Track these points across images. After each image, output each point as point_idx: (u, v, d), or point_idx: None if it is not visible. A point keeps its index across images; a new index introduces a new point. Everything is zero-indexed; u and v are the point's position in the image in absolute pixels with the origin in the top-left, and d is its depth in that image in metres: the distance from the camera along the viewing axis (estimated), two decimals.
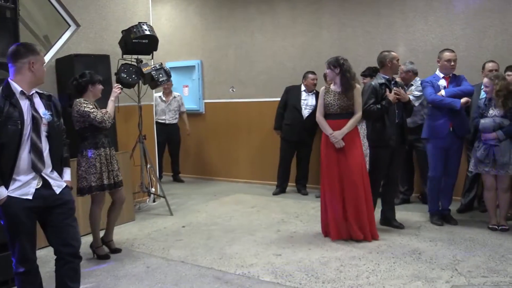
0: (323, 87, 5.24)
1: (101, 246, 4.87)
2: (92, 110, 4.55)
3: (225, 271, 4.37)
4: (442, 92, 5.36)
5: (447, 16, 6.67)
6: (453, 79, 5.47)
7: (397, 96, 5.23)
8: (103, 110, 4.69)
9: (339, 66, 5.06)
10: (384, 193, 5.60)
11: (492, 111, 5.18)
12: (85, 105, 4.55)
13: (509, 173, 5.12)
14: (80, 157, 4.67)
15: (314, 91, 7.28)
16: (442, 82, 5.43)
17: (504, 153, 5.07)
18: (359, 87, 5.16)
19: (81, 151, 4.68)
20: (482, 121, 5.17)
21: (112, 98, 4.86)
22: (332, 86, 5.18)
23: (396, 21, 7.05)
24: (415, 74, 6.37)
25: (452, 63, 5.40)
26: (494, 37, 6.37)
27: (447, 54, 5.44)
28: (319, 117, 5.19)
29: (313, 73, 7.27)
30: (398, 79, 5.70)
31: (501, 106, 5.12)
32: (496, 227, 5.24)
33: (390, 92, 5.26)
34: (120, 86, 5.15)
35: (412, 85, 6.25)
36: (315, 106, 7.16)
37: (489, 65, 5.79)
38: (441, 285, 3.89)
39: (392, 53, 5.40)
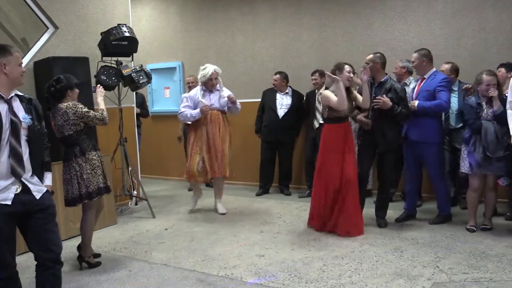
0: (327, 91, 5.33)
1: (92, 254, 4.69)
2: (89, 110, 4.48)
3: (208, 273, 4.36)
4: (415, 103, 5.31)
5: (426, 16, 6.74)
6: (429, 80, 5.40)
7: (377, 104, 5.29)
8: (97, 109, 4.64)
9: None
10: (377, 193, 5.74)
11: (486, 111, 5.07)
12: (81, 106, 4.45)
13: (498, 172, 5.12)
14: (81, 161, 4.46)
15: (288, 92, 7.35)
16: (412, 85, 5.49)
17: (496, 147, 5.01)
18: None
19: (81, 155, 4.48)
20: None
21: (100, 97, 4.77)
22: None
23: (376, 21, 7.10)
24: (409, 72, 6.34)
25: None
26: (472, 36, 6.45)
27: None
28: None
29: (275, 73, 7.39)
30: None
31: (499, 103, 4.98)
32: (474, 228, 5.22)
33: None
34: (101, 85, 5.10)
35: (405, 83, 6.16)
36: (290, 106, 7.27)
37: (446, 66, 5.89)
38: (423, 283, 3.93)
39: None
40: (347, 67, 5.28)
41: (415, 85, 5.54)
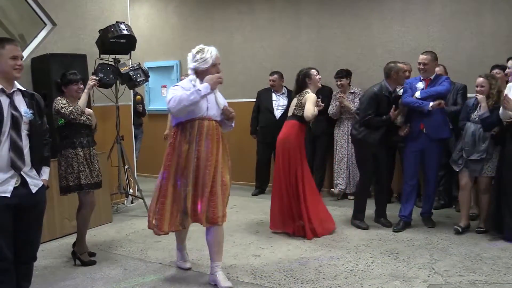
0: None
1: (85, 252, 4.68)
2: (64, 106, 4.50)
3: (203, 272, 4.35)
4: (417, 94, 5.31)
5: (424, 18, 6.75)
6: (434, 81, 5.38)
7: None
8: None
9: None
10: (375, 193, 5.83)
11: (476, 113, 5.11)
12: (60, 101, 4.52)
13: (484, 175, 5.13)
14: (59, 157, 4.61)
15: (284, 92, 7.34)
16: (420, 85, 5.37)
17: (473, 149, 5.10)
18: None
19: (60, 151, 4.61)
20: None
21: (85, 89, 4.79)
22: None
23: (374, 23, 7.11)
24: None
25: (421, 66, 5.37)
26: (470, 39, 6.47)
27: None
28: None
29: (272, 74, 7.36)
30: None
31: (487, 107, 4.99)
32: (459, 229, 5.19)
33: (390, 102, 5.41)
34: (96, 78, 5.15)
35: None
36: (287, 106, 7.23)
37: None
38: (418, 285, 3.94)
39: (399, 64, 5.50)
40: (313, 71, 5.42)
41: (423, 87, 5.39)
